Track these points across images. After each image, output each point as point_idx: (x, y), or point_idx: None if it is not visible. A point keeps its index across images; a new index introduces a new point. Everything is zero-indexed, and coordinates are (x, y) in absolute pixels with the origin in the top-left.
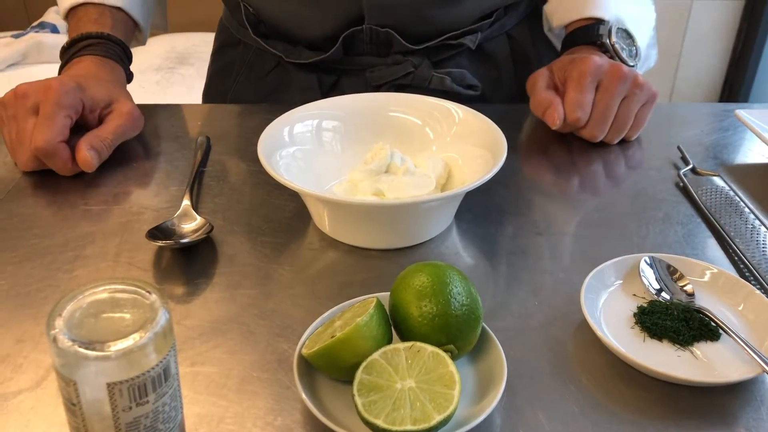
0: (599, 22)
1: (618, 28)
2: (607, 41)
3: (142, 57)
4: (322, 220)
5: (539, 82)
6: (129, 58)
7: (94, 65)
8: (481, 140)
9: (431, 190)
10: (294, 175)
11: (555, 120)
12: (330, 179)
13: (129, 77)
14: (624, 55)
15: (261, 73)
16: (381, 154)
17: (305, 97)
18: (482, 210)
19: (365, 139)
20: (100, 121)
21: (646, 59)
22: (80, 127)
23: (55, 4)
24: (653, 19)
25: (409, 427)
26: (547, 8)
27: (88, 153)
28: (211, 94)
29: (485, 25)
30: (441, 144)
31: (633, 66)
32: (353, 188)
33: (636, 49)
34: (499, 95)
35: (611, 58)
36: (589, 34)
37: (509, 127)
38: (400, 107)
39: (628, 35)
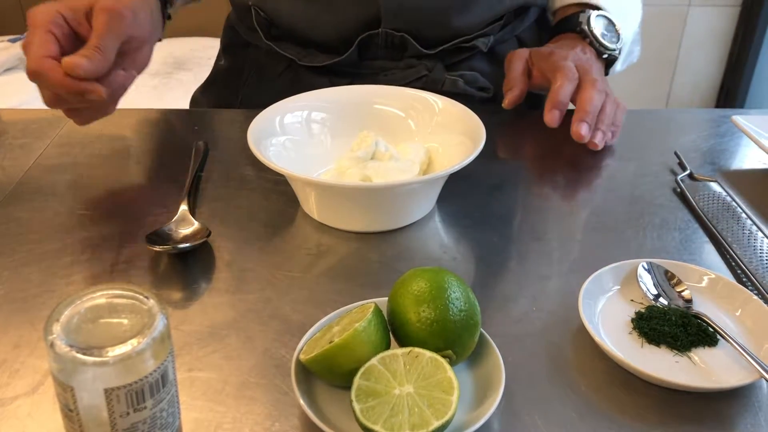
0: (582, 10)
1: (598, 15)
2: (586, 28)
3: None
4: (310, 205)
5: (515, 63)
6: None
7: None
8: (461, 128)
9: (415, 175)
10: (284, 163)
11: (508, 104)
12: (318, 168)
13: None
14: (605, 40)
15: (272, 74)
16: (367, 141)
17: None
18: (481, 216)
19: (352, 131)
20: None
21: (629, 54)
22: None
23: None
24: (639, 16)
25: None
26: None
27: (71, 58)
28: (212, 93)
29: (496, 27)
30: (423, 134)
31: (614, 50)
32: (341, 175)
33: (618, 36)
34: None
35: (591, 44)
36: (571, 23)
37: (515, 132)
38: (382, 99)
39: (609, 22)
